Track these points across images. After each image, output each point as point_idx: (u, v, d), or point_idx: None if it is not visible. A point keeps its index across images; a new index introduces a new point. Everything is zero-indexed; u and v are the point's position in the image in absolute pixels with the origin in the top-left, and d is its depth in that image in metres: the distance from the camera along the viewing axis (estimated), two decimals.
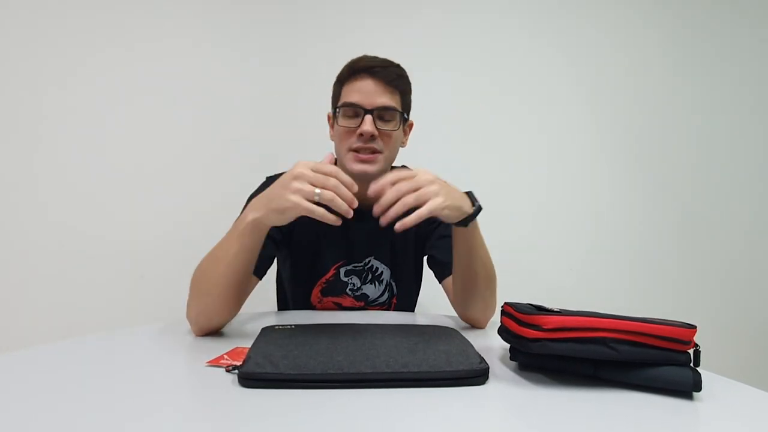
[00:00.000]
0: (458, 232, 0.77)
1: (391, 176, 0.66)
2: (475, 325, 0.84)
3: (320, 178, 0.63)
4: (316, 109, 1.45)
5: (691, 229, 1.70)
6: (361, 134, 0.83)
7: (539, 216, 1.60)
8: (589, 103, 1.63)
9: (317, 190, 0.62)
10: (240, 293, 0.74)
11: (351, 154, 0.85)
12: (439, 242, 0.94)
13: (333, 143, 0.93)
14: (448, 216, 0.68)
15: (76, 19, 1.33)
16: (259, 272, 0.83)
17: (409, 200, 0.64)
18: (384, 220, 0.64)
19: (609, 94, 1.64)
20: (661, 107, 1.67)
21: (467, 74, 1.56)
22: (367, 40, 1.48)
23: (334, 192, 0.62)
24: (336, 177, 0.63)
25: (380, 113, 0.85)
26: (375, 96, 0.84)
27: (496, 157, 1.58)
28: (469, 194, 0.75)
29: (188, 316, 0.72)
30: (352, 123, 0.84)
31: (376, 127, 0.84)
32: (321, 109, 1.46)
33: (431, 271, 1.00)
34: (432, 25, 1.54)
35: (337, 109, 0.86)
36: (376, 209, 0.64)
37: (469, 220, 0.72)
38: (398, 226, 0.64)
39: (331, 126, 0.93)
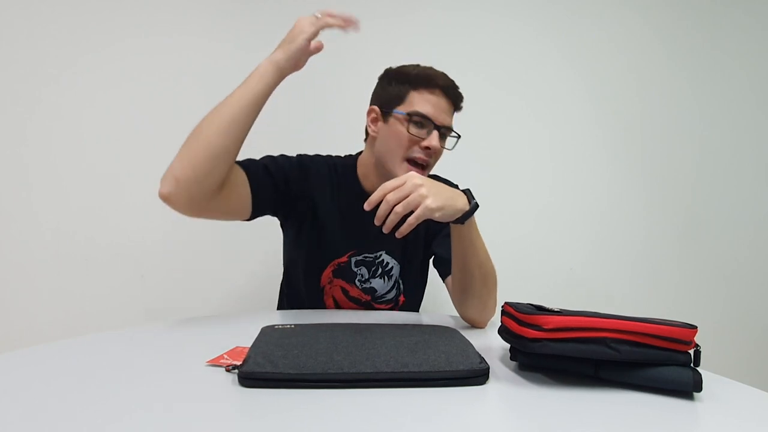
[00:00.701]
0: (455, 230, 0.78)
1: (384, 185, 0.69)
2: (474, 325, 0.84)
3: (315, 14, 0.78)
4: (318, 108, 1.45)
5: (692, 230, 1.70)
6: (427, 147, 0.86)
7: (540, 216, 1.60)
8: (590, 102, 1.63)
9: (318, 14, 0.77)
10: (230, 154, 0.76)
11: (405, 165, 0.87)
12: (445, 240, 0.94)
13: (374, 138, 0.91)
14: (442, 216, 0.70)
15: (73, 16, 1.32)
16: (256, 207, 0.84)
17: (398, 210, 0.67)
18: (386, 230, 0.69)
19: (611, 93, 1.64)
20: (664, 107, 1.67)
21: (466, 73, 1.55)
22: (368, 37, 1.47)
23: (328, 12, 0.77)
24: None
25: (443, 132, 0.89)
26: (445, 115, 0.89)
27: (497, 157, 1.58)
28: (467, 192, 0.76)
29: (167, 170, 0.74)
30: (421, 133, 0.86)
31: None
32: (324, 107, 1.47)
33: (433, 272, 1.00)
34: (432, 24, 1.54)
35: (408, 115, 0.86)
36: (376, 221, 0.69)
37: (465, 217, 0.73)
38: (397, 234, 0.69)
39: (374, 121, 0.92)
